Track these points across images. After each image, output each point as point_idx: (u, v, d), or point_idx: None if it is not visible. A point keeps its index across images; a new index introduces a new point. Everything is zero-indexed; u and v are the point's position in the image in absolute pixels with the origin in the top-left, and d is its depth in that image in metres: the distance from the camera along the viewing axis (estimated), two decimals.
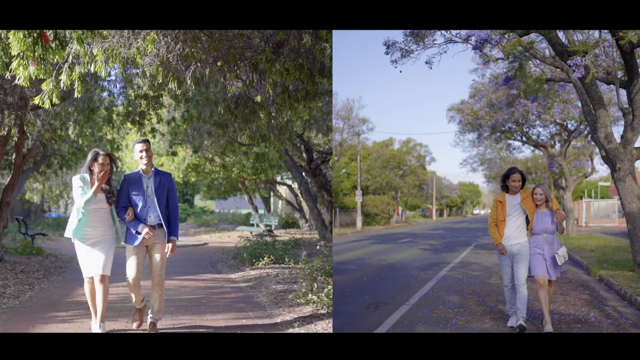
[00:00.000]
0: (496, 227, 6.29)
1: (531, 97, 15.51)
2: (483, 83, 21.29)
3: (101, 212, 5.37)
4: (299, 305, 6.89)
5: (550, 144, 23.43)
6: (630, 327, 5.95)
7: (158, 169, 5.58)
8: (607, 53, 11.45)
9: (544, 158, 25.25)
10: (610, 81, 11.49)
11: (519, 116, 20.61)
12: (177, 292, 8.16)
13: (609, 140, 9.98)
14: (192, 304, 7.16)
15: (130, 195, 5.44)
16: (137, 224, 5.39)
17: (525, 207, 6.21)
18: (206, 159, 17.95)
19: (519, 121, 21.41)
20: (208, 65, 4.94)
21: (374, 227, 36.09)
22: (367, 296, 7.81)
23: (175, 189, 5.63)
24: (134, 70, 6.89)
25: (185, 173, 20.24)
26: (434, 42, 12.22)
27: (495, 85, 19.19)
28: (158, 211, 5.41)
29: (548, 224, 6.16)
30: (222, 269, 11.10)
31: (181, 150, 16.97)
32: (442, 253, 15.22)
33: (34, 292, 8.05)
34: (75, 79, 4.72)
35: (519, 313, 6.08)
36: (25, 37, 3.73)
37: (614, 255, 12.38)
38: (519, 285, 6.14)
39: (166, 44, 4.58)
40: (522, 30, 9.97)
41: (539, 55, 11.50)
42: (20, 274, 9.54)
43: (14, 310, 6.70)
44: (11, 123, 8.70)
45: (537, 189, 6.24)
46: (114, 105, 10.56)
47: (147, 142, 5.49)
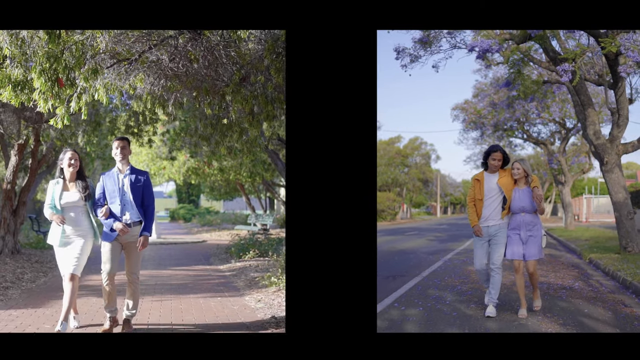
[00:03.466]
0: (474, 207, 6.08)
1: (529, 98, 17.10)
2: (485, 83, 22.62)
3: (77, 209, 5.42)
4: (265, 286, 8.28)
5: (550, 141, 24.67)
6: (607, 293, 7.23)
7: (134, 167, 5.60)
8: (595, 61, 12.91)
9: (545, 155, 26.48)
10: (600, 83, 12.99)
11: (519, 115, 21.93)
12: (169, 278, 9.55)
13: (597, 137, 11.45)
14: (179, 287, 8.55)
15: (106, 193, 5.45)
16: (112, 221, 5.38)
17: (502, 186, 5.96)
18: (205, 163, 19.38)
19: (520, 120, 22.74)
20: (185, 94, 6.34)
21: (380, 223, 37.34)
22: (384, 271, 9.45)
23: (152, 187, 5.64)
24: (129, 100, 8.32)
25: (186, 176, 21.66)
26: (440, 48, 13.74)
27: (497, 87, 20.48)
28: (134, 209, 5.41)
29: (526, 203, 5.89)
30: (214, 262, 12.48)
31: (181, 155, 18.39)
32: (447, 243, 16.77)
33: (48, 278, 9.45)
34: (82, 105, 6.11)
35: (491, 298, 5.99)
36: (46, 81, 5.13)
37: (606, 243, 13.79)
38: (493, 269, 5.99)
39: (152, 80, 5.98)
40: (519, 38, 11.32)
41: (536, 60, 12.96)
42: (35, 263, 10.95)
43: (31, 291, 8.09)
44: (29, 133, 10.14)
45: (516, 164, 5.96)
46: (118, 116, 12.01)
47: (123, 140, 5.52)
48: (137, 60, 5.48)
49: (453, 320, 5.69)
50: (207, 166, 19.52)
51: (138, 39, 5.31)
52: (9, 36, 5.19)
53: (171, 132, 10.99)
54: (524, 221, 5.93)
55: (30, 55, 5.27)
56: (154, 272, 10.35)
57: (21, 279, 9.01)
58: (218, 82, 6.39)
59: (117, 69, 5.76)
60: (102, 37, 5.19)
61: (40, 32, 5.03)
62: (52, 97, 5.35)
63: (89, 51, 5.30)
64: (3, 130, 10.98)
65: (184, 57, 5.57)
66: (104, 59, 5.52)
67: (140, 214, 5.42)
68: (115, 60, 5.53)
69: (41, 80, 5.14)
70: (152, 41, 5.35)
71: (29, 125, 9.93)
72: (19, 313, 6.44)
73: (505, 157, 6.04)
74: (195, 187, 43.12)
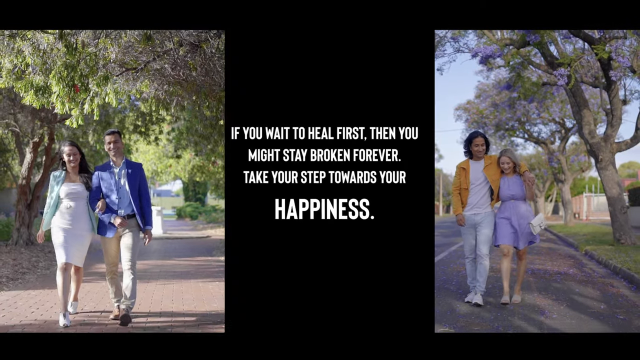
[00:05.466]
0: (459, 196, 6.00)
1: (529, 99, 17.96)
2: (488, 84, 23.33)
3: (79, 201, 5.43)
4: None
5: (550, 140, 25.32)
6: (598, 277, 8.05)
7: (129, 160, 5.62)
8: (591, 64, 13.73)
9: (545, 154, 27.11)
10: (596, 85, 13.86)
11: (520, 115, 22.64)
12: (172, 267, 10.32)
13: (592, 136, 12.27)
14: (182, 274, 9.31)
15: (102, 187, 5.44)
16: (109, 215, 5.39)
17: (487, 175, 5.90)
18: (209, 161, 20.15)
19: (521, 120, 23.44)
20: (186, 98, 7.10)
21: None
22: None
23: (146, 179, 5.68)
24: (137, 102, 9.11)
25: (192, 173, 22.45)
26: (444, 52, 14.57)
27: (499, 89, 21.23)
28: (130, 201, 5.42)
29: (515, 190, 5.86)
30: (215, 254, 13.22)
31: (187, 153, 19.18)
32: (451, 237, 17.60)
33: None
34: (94, 107, 6.88)
35: (477, 286, 5.95)
36: (64, 87, 5.90)
37: (602, 237, 14.54)
38: (480, 257, 5.95)
39: (156, 86, 6.74)
40: (519, 43, 12.07)
41: (535, 63, 13.77)
42: (49, 253, 11.73)
43: (46, 276, 8.85)
44: (44, 133, 10.95)
45: (503, 157, 5.90)
46: (126, 116, 12.82)
47: (115, 134, 5.46)
48: (142, 68, 6.24)
49: (459, 297, 6.51)
50: (212, 164, 20.27)
51: (144, 50, 6.07)
52: (31, 47, 5.98)
53: (176, 131, 11.78)
54: (514, 207, 5.88)
55: (50, 64, 6.05)
56: (159, 262, 11.12)
57: (36, 267, 9.78)
58: (215, 87, 7.13)
59: (125, 76, 6.53)
60: (112, 48, 5.96)
61: (60, 44, 5.80)
62: (68, 100, 6.12)
63: (101, 61, 6.07)
64: (19, 129, 11.81)
65: (184, 66, 6.33)
66: (114, 68, 6.28)
67: (135, 206, 5.44)
68: (124, 69, 6.29)
69: (59, 86, 5.91)
70: (156, 52, 6.11)
71: (44, 125, 10.73)
72: (36, 292, 7.22)
73: (487, 141, 6.02)
74: (202, 185, 43.93)
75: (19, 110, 10.80)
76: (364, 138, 3.97)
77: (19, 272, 8.91)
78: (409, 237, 3.91)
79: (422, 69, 3.96)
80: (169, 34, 5.94)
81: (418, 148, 3.94)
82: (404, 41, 3.96)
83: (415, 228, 3.91)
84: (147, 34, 5.58)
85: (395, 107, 3.96)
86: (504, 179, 5.90)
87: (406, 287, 3.88)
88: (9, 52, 5.98)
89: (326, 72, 3.95)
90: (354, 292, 3.89)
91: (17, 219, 12.95)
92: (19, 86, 6.15)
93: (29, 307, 6.24)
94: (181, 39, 6.12)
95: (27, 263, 9.98)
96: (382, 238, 3.91)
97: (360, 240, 3.91)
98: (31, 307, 6.25)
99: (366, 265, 3.91)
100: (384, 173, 3.95)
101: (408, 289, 3.88)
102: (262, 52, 3.94)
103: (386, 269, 3.90)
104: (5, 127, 12.01)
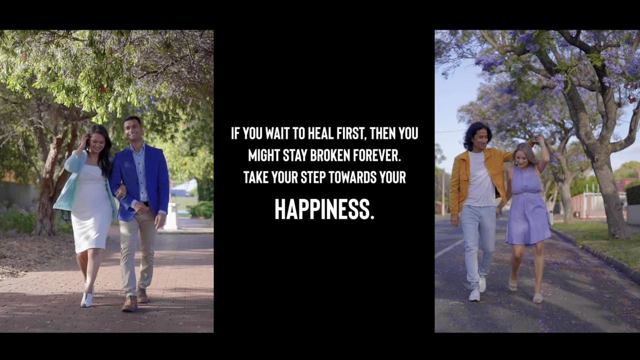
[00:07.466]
0: (458, 192, 5.86)
1: (529, 101, 18.70)
2: (489, 87, 23.96)
3: (95, 184, 5.53)
4: None
5: (550, 140, 25.86)
6: (592, 267, 8.73)
7: (149, 145, 5.69)
8: (588, 69, 14.45)
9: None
10: (593, 89, 14.57)
11: (521, 116, 23.25)
12: (186, 256, 11.06)
13: (589, 137, 12.99)
14: (194, 260, 10.04)
15: (122, 172, 5.54)
16: (129, 200, 5.48)
17: (488, 167, 5.76)
18: None
19: (522, 121, 24.04)
20: (200, 99, 7.81)
21: None
22: None
23: (166, 165, 5.74)
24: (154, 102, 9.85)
25: (206, 172, 23.20)
26: (448, 57, 15.33)
27: (501, 92, 21.91)
28: (150, 186, 5.52)
29: (529, 182, 5.67)
30: None
31: (201, 152, 19.93)
32: (454, 234, 18.18)
33: None
34: (117, 106, 7.62)
35: (481, 271, 6.04)
36: (92, 88, 6.64)
37: (599, 233, 15.23)
38: (487, 253, 6.01)
39: (173, 87, 7.47)
40: (520, 50, 12.73)
41: (535, 68, 14.49)
42: (70, 243, 12.52)
43: (70, 261, 9.60)
44: (68, 129, 11.74)
45: (519, 152, 5.72)
46: (144, 115, 13.60)
47: (134, 119, 5.59)
48: (162, 72, 6.96)
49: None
50: None
51: (163, 56, 6.79)
52: (63, 52, 6.72)
53: (192, 129, 12.53)
54: (528, 200, 5.67)
55: (79, 67, 6.79)
56: (174, 252, 11.87)
57: (59, 253, 10.56)
58: None
59: (146, 78, 7.26)
60: (135, 54, 6.69)
61: (89, 50, 6.54)
62: (95, 100, 6.87)
63: (125, 65, 6.81)
64: (43, 126, 12.63)
65: (199, 70, 7.04)
66: (137, 71, 7.01)
67: (154, 190, 5.53)
68: (145, 72, 7.02)
69: (88, 87, 6.65)
70: (174, 57, 6.83)
71: (68, 122, 11.51)
72: (63, 273, 7.98)
73: (489, 133, 5.89)
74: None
75: (45, 108, 11.61)
76: (364, 138, 3.95)
77: (44, 257, 9.68)
78: (409, 238, 3.89)
79: (422, 69, 3.97)
80: (185, 41, 6.66)
81: (418, 148, 3.94)
82: (404, 41, 3.96)
83: (415, 228, 3.90)
84: (167, 42, 6.30)
85: (395, 107, 3.95)
86: (517, 171, 5.75)
87: (406, 287, 3.88)
88: (43, 57, 6.72)
89: (326, 72, 3.97)
90: (353, 292, 3.89)
91: (40, 211, 13.77)
92: (52, 87, 6.90)
93: (57, 284, 7.00)
94: (197, 45, 6.84)
95: (51, 250, 10.76)
96: (382, 238, 3.90)
97: (360, 241, 3.90)
98: (59, 283, 7.00)
99: (366, 265, 3.90)
100: (384, 173, 3.93)
101: (408, 289, 3.88)
102: (262, 52, 4.07)
103: (386, 269, 3.89)
104: (30, 125, 12.85)
